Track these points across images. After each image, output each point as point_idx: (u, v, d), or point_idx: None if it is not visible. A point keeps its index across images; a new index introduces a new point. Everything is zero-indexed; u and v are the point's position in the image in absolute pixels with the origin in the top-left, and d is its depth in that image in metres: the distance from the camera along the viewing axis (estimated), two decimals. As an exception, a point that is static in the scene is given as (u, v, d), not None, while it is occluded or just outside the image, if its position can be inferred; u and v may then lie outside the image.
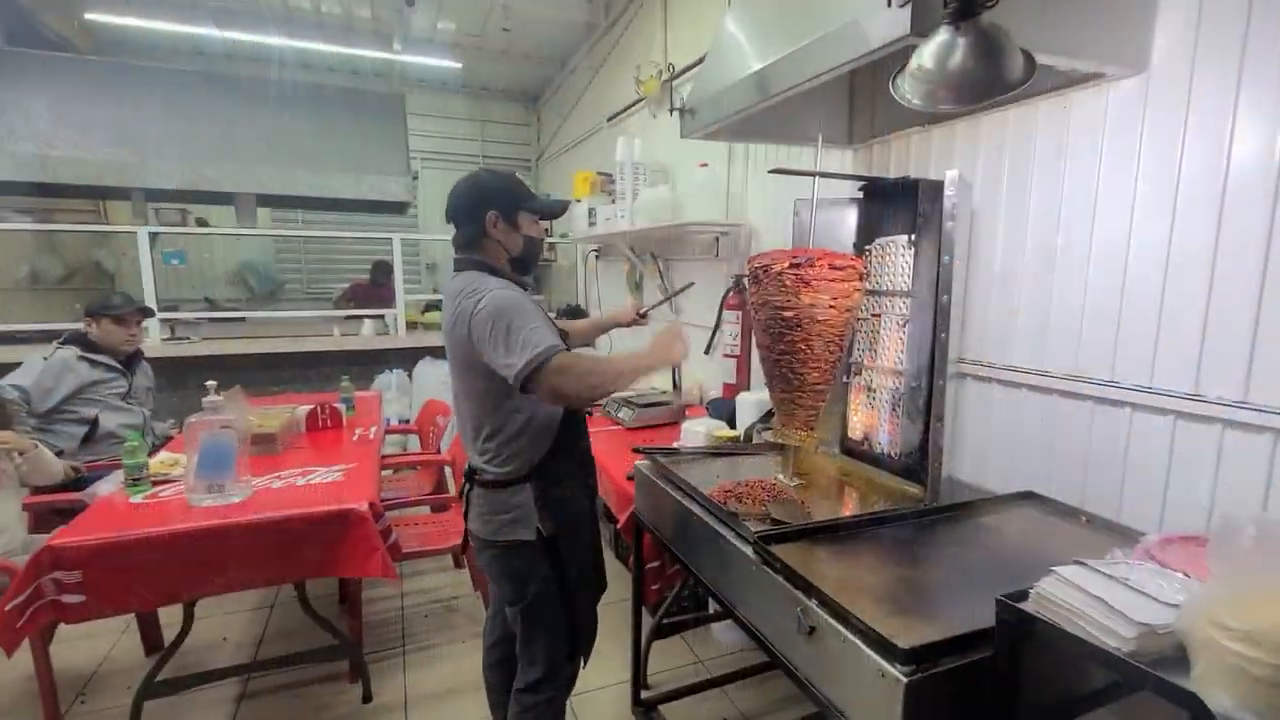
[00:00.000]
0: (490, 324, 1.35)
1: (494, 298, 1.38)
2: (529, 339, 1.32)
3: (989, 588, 1.05)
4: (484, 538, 1.55)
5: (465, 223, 1.54)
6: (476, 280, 1.46)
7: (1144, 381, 1.34)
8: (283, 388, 4.40)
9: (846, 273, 1.45)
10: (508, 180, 1.59)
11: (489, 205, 1.52)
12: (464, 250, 1.57)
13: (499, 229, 1.54)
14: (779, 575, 1.14)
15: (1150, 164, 1.32)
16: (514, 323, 1.34)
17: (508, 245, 1.57)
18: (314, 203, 4.70)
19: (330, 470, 2.16)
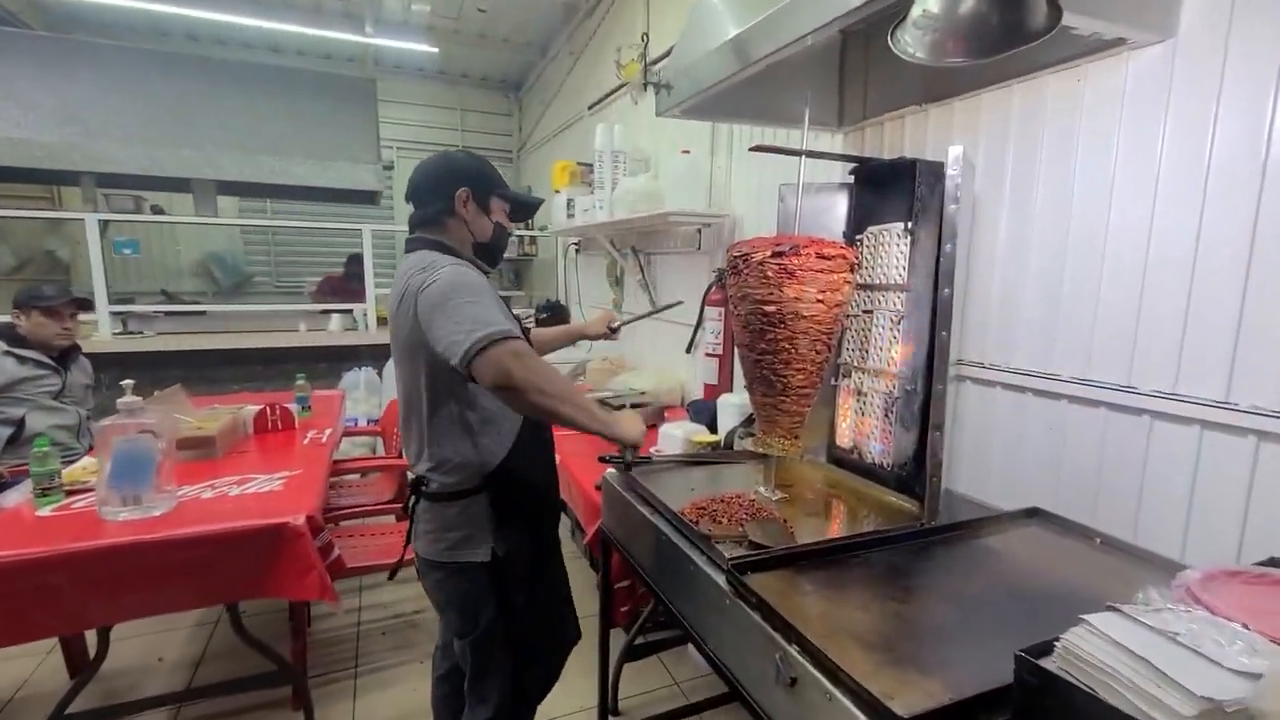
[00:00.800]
0: (440, 299, 1.20)
1: (450, 273, 1.24)
2: (481, 316, 1.17)
3: (1000, 631, 0.91)
4: (430, 559, 1.38)
5: (429, 199, 1.40)
6: (432, 258, 1.30)
7: (1166, 387, 1.19)
8: (244, 385, 4.19)
9: (836, 263, 1.29)
10: (483, 163, 1.46)
11: (461, 182, 1.39)
12: (423, 228, 1.41)
13: (469, 209, 1.40)
14: (755, 612, 0.98)
15: (1176, 144, 1.17)
16: (467, 299, 1.20)
17: (475, 229, 1.43)
18: (278, 191, 4.47)
19: (271, 478, 1.97)
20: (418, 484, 1.39)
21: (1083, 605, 0.98)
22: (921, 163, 1.34)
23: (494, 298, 1.27)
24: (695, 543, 1.20)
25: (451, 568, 1.35)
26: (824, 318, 1.31)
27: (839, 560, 1.14)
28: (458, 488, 1.34)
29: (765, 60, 1.34)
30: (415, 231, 1.42)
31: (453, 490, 1.35)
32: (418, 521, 1.41)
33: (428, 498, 1.37)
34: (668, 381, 3.01)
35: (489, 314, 1.19)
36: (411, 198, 1.43)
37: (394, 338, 1.37)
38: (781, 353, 1.33)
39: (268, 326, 4.48)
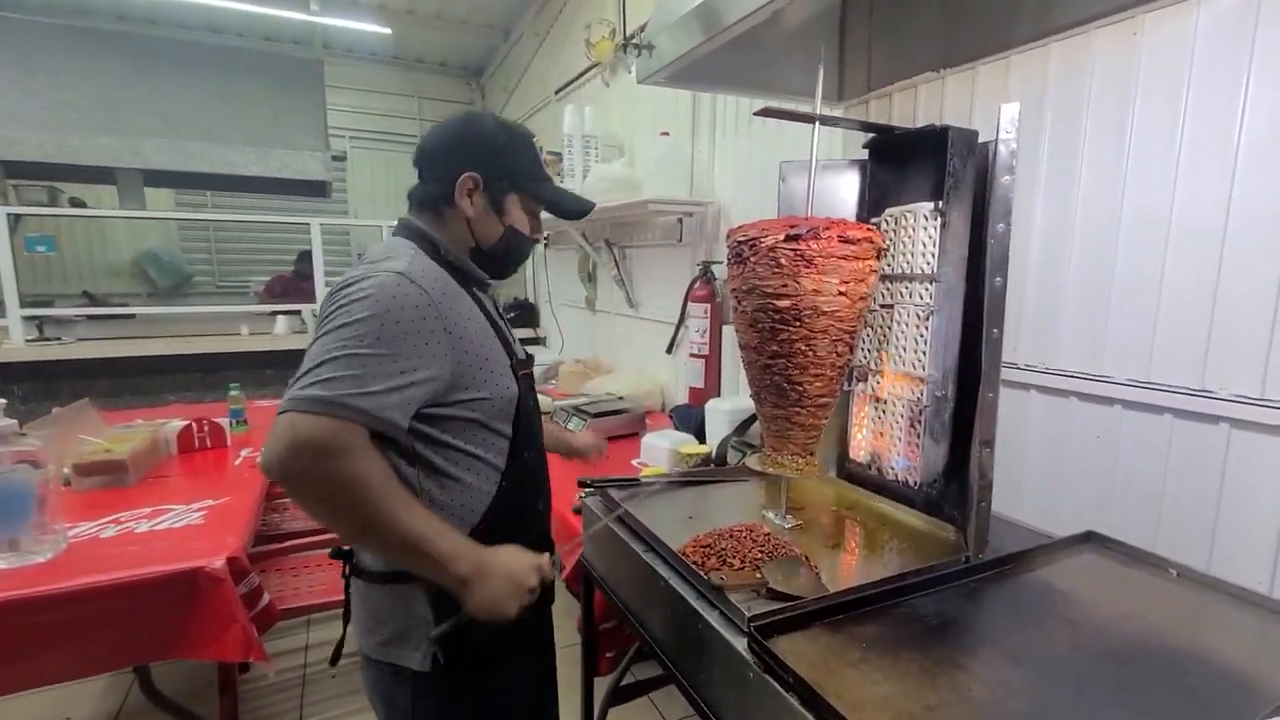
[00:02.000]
0: (327, 316, 0.89)
1: (378, 290, 0.88)
2: (341, 366, 0.82)
3: (1118, 717, 0.70)
4: (365, 653, 1.08)
5: (430, 174, 1.07)
6: (393, 253, 0.97)
7: (1250, 391, 1.02)
8: (181, 396, 3.82)
9: (861, 247, 1.08)
10: (516, 139, 1.09)
11: (472, 162, 1.03)
12: (415, 210, 1.09)
13: (473, 201, 1.05)
14: (792, 696, 0.76)
15: (1261, 104, 0.99)
16: (358, 333, 0.85)
17: (478, 229, 1.07)
18: (216, 182, 4.09)
19: (189, 510, 1.68)
20: (347, 554, 1.09)
21: (1195, 665, 0.79)
22: (955, 130, 1.14)
23: (421, 337, 0.89)
24: (704, 593, 0.98)
25: (384, 669, 1.04)
26: (847, 314, 1.10)
27: (880, 611, 0.93)
28: (387, 567, 1.01)
29: (761, 11, 1.12)
30: (409, 212, 1.10)
31: (383, 570, 1.02)
32: (353, 600, 1.09)
33: (356, 572, 1.06)
34: (646, 384, 2.78)
35: (358, 370, 0.83)
36: (416, 163, 1.10)
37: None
38: (797, 356, 1.12)
39: (208, 330, 4.10)
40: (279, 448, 0.80)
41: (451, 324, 0.95)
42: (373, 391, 0.84)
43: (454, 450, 0.99)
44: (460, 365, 0.96)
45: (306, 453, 0.80)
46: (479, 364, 0.99)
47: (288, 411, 0.81)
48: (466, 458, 1.01)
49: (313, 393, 0.81)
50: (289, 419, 0.81)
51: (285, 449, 0.80)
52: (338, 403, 0.81)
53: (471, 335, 0.98)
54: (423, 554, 0.88)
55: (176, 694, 2.05)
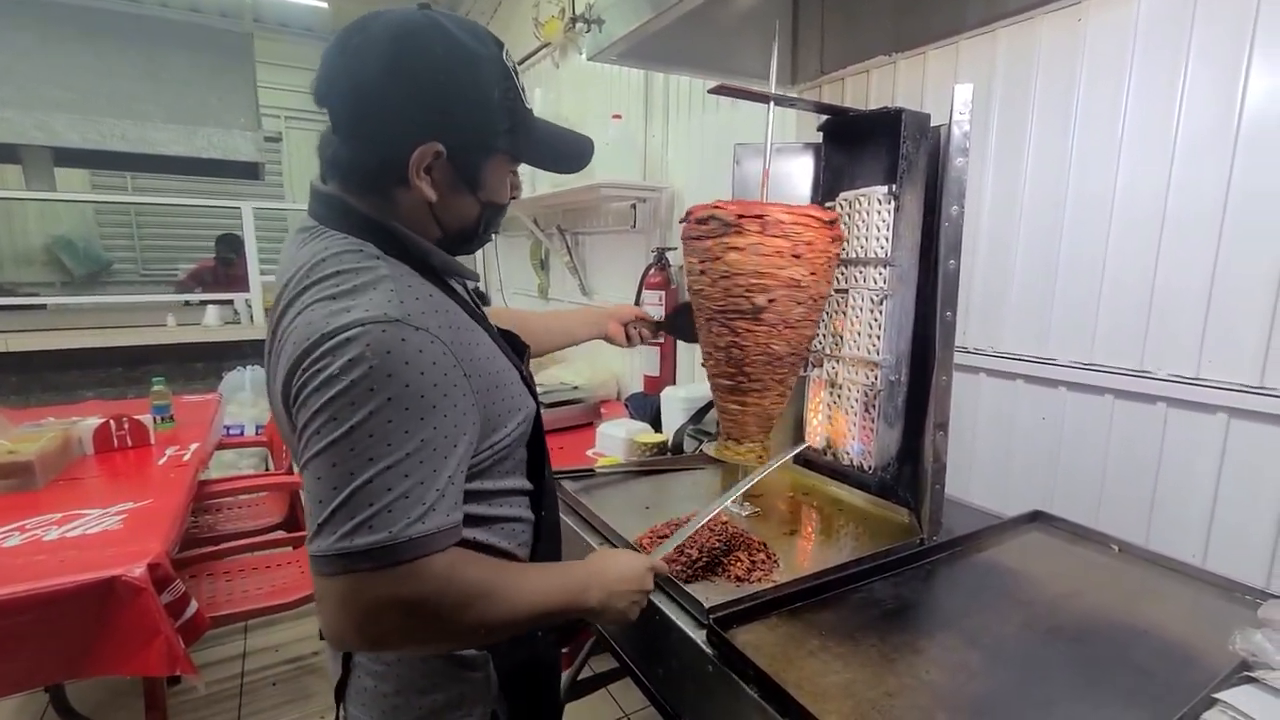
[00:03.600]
0: (321, 408, 0.61)
1: (387, 347, 0.62)
2: (371, 492, 0.60)
3: (1066, 694, 0.71)
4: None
5: (361, 132, 0.72)
6: (351, 269, 0.68)
7: (1187, 371, 1.05)
8: (100, 392, 3.56)
9: (831, 229, 1.07)
10: (486, 69, 0.73)
11: (434, 126, 0.70)
12: (341, 182, 0.75)
13: (436, 176, 0.73)
14: (752, 688, 0.74)
15: (1200, 91, 1.01)
16: (378, 436, 0.61)
17: (444, 212, 0.76)
18: (136, 162, 3.80)
19: (106, 514, 1.55)
20: None
21: (1139, 639, 0.81)
22: (909, 114, 1.13)
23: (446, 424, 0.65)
24: (661, 586, 0.95)
25: None
26: (806, 300, 1.09)
27: (838, 597, 0.92)
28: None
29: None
30: (331, 181, 0.75)
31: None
32: (358, 673, 0.81)
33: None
34: (602, 374, 2.74)
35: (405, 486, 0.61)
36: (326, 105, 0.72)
37: (271, 394, 0.75)
38: (759, 343, 1.10)
39: (131, 322, 3.82)
40: (349, 622, 0.62)
41: (469, 364, 0.70)
42: (431, 506, 0.63)
43: (492, 494, 0.79)
44: (487, 410, 0.73)
45: (390, 616, 0.62)
46: (501, 397, 0.76)
47: (338, 575, 0.60)
48: (504, 496, 0.81)
49: (363, 543, 0.59)
50: (346, 587, 0.61)
51: (361, 621, 0.62)
52: (399, 546, 0.60)
53: (485, 365, 0.73)
54: (551, 614, 0.75)
55: (99, 709, 1.91)
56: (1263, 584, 0.95)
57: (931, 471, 1.06)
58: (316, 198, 0.76)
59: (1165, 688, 0.71)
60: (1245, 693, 0.56)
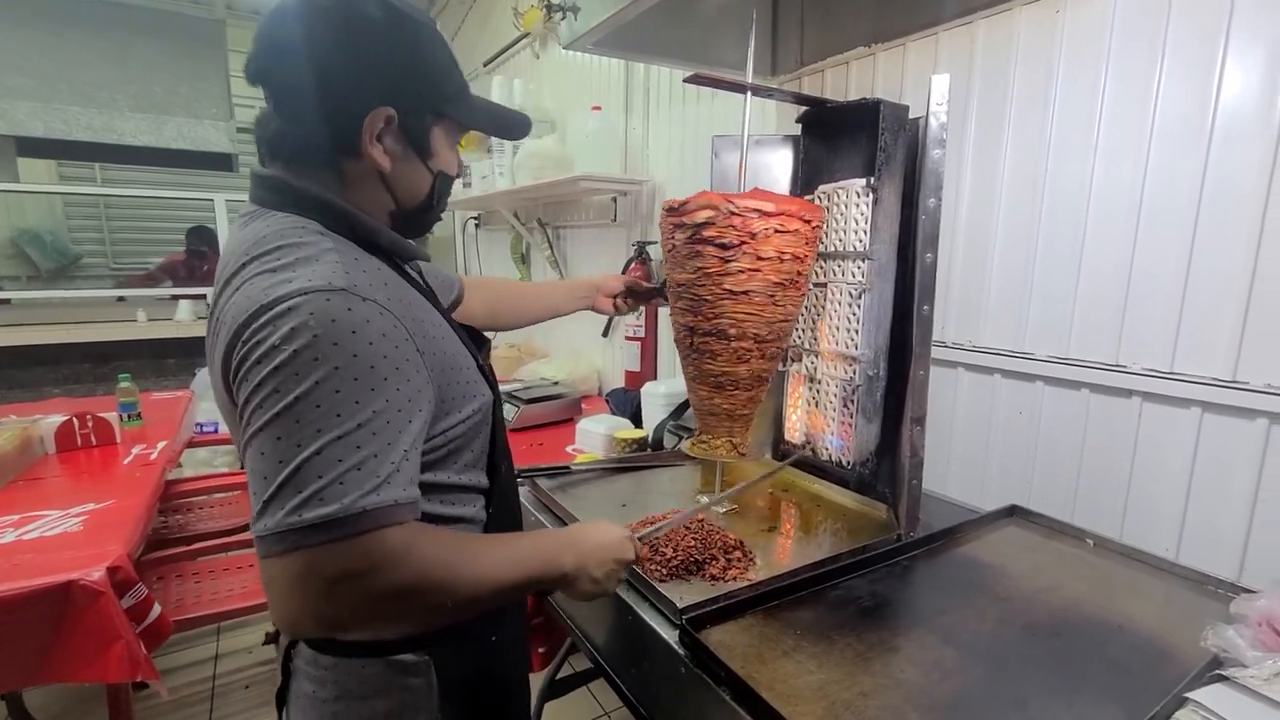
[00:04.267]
0: (262, 381, 0.59)
1: (330, 316, 0.59)
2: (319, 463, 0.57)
3: (1041, 692, 0.70)
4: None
5: (309, 108, 0.69)
6: (293, 244, 0.66)
7: (1161, 365, 1.05)
8: (67, 389, 3.47)
9: (813, 225, 1.05)
10: (426, 35, 0.73)
11: (383, 92, 0.69)
12: (283, 164, 0.72)
13: (387, 145, 0.72)
14: (724, 690, 0.72)
15: (1175, 84, 1.01)
16: (324, 406, 0.58)
17: (396, 182, 0.75)
18: (105, 152, 3.69)
19: (65, 516, 1.49)
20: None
21: (1114, 634, 0.81)
22: (886, 105, 1.12)
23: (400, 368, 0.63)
24: (635, 586, 0.93)
25: None
26: (784, 296, 1.07)
27: (815, 595, 0.91)
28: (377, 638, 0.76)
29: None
30: (272, 165, 0.73)
31: (371, 640, 0.75)
32: (298, 679, 0.78)
33: (316, 648, 0.76)
34: (582, 369, 2.71)
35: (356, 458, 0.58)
36: (264, 84, 0.71)
37: (213, 378, 0.70)
38: (731, 339, 1.08)
39: (100, 317, 3.72)
40: (301, 603, 0.58)
41: (421, 339, 0.68)
42: (385, 479, 0.59)
43: (442, 488, 0.76)
44: (441, 391, 0.71)
45: (346, 594, 0.59)
46: (456, 380, 0.74)
47: (287, 553, 0.56)
48: (454, 492, 0.78)
49: (313, 516, 0.56)
50: (297, 565, 0.57)
51: (315, 601, 0.58)
52: (352, 518, 0.57)
53: (439, 344, 0.72)
54: (522, 585, 0.72)
55: (62, 715, 1.86)
56: (1234, 577, 0.95)
57: (909, 467, 1.06)
58: (258, 182, 0.73)
59: (1139, 684, 0.71)
60: (1216, 692, 0.55)
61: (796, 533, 1.16)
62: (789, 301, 1.07)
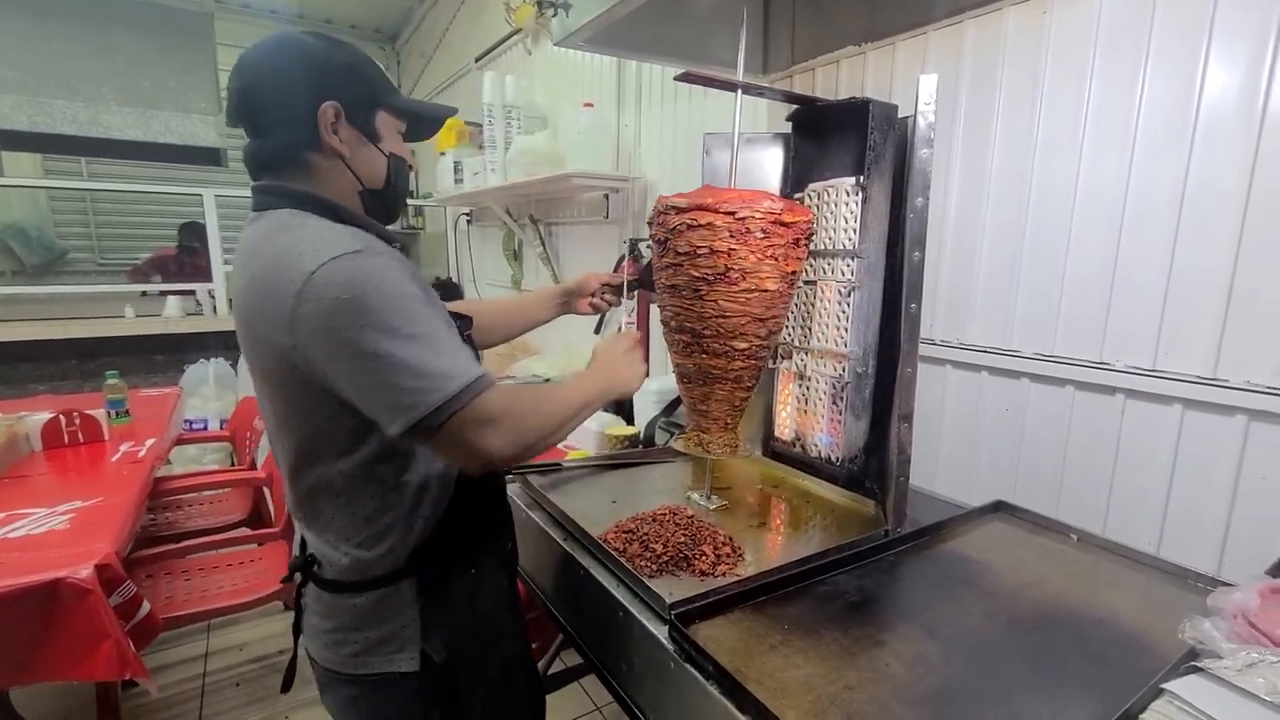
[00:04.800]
0: (349, 331, 0.73)
1: (343, 270, 0.74)
2: (427, 358, 0.75)
3: (1024, 686, 0.71)
4: (333, 669, 0.94)
5: (273, 123, 0.85)
6: (295, 228, 0.80)
7: (1144, 363, 1.06)
8: (54, 385, 3.44)
9: (798, 228, 1.06)
10: (352, 54, 0.89)
11: (324, 91, 0.84)
12: (272, 173, 0.87)
13: (342, 134, 0.86)
14: (713, 685, 0.73)
15: (1159, 86, 1.02)
16: (396, 323, 0.74)
17: (360, 168, 0.89)
18: (92, 146, 3.63)
19: (52, 514, 1.48)
20: (305, 563, 0.94)
21: (1096, 629, 0.82)
22: (876, 104, 1.12)
23: (427, 300, 0.81)
24: (625, 580, 0.94)
25: (362, 682, 0.92)
26: (775, 294, 1.07)
27: (803, 590, 0.92)
28: (369, 572, 0.89)
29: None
30: (262, 177, 0.88)
31: (361, 577, 0.90)
32: (308, 613, 0.95)
33: (322, 584, 0.92)
34: (575, 365, 2.71)
35: (437, 346, 0.76)
36: (241, 119, 0.87)
37: (251, 356, 0.85)
38: (721, 336, 1.08)
39: (87, 313, 3.68)
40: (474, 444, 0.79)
41: (426, 293, 0.84)
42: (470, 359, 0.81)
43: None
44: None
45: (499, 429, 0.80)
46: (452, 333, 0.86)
47: (450, 418, 0.76)
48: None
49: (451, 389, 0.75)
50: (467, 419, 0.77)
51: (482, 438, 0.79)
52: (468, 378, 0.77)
53: (437, 305, 0.86)
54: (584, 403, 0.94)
55: (50, 714, 1.85)
56: (1213, 571, 0.97)
57: (897, 463, 1.07)
58: (255, 192, 0.88)
59: (1120, 677, 0.72)
60: (1192, 683, 0.56)
61: (785, 528, 1.17)
62: (722, 297, 1.03)
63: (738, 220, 0.99)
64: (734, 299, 1.03)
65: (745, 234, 1.00)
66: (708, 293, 1.03)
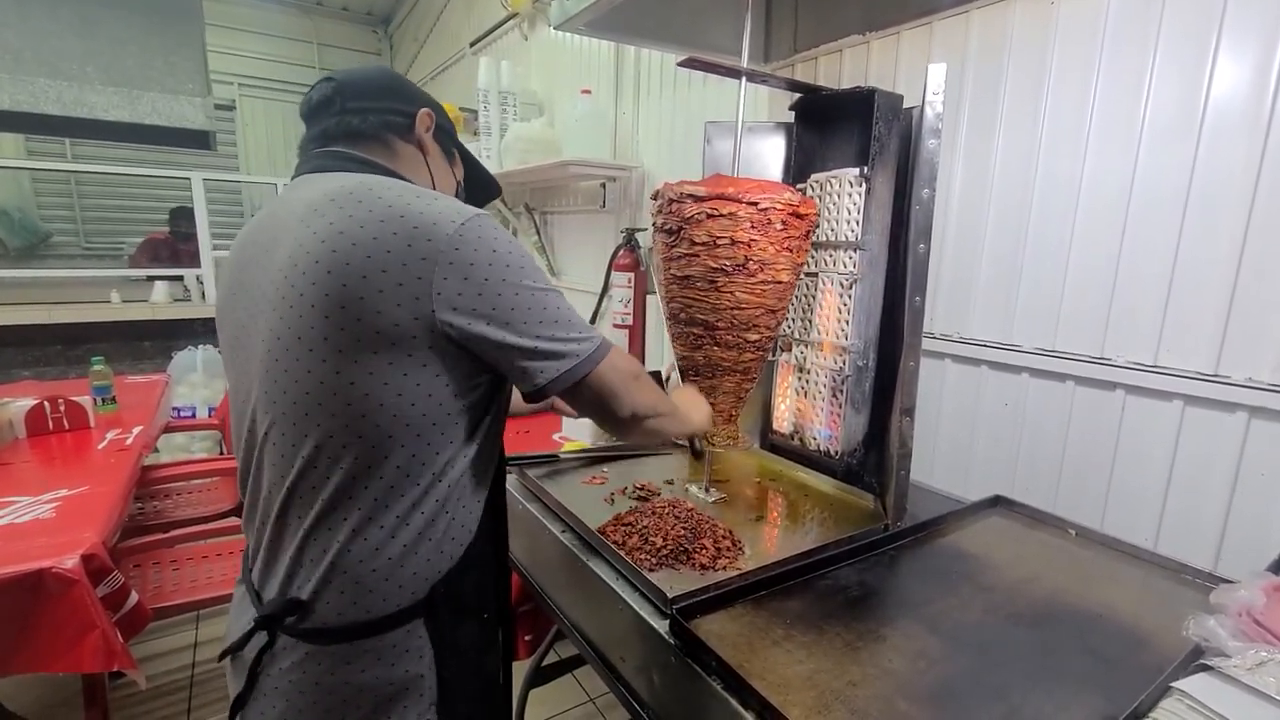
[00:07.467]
0: (503, 280, 0.69)
1: (490, 226, 0.71)
2: (573, 313, 0.77)
3: (1026, 682, 0.71)
4: None
5: (363, 106, 0.83)
6: (400, 187, 0.73)
7: (1145, 359, 1.06)
8: (38, 371, 3.37)
9: (812, 219, 1.05)
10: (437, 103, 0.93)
11: (426, 103, 0.88)
12: (346, 141, 0.82)
13: (430, 140, 0.88)
14: (715, 680, 0.72)
15: (1167, 79, 1.01)
16: (543, 280, 0.75)
17: (436, 172, 0.90)
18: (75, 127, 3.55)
19: (36, 502, 1.45)
20: (281, 613, 0.72)
21: (1094, 624, 0.82)
22: (880, 93, 1.11)
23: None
24: (625, 574, 0.93)
25: None
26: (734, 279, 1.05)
27: (804, 584, 0.91)
28: (379, 610, 0.73)
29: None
30: (334, 145, 0.82)
31: (365, 619, 0.73)
32: (262, 694, 0.74)
33: (307, 636, 0.73)
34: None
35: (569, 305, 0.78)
36: (321, 108, 0.83)
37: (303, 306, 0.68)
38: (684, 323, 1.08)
39: (72, 297, 3.61)
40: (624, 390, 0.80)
41: None
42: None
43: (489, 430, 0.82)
44: None
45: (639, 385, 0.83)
46: None
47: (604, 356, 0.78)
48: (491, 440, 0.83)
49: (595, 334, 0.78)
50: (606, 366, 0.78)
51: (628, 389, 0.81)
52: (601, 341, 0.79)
53: None
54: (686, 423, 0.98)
55: (36, 705, 1.83)
56: (1210, 567, 0.98)
57: (897, 457, 1.06)
58: (326, 156, 0.81)
59: (1119, 672, 0.72)
60: (1201, 681, 0.56)
61: (784, 522, 1.16)
62: (740, 289, 1.02)
63: (760, 211, 0.98)
64: (751, 290, 1.02)
65: (766, 225, 0.99)
66: (725, 284, 1.01)
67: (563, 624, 1.08)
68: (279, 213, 0.76)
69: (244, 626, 0.76)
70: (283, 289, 0.69)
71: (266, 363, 0.71)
